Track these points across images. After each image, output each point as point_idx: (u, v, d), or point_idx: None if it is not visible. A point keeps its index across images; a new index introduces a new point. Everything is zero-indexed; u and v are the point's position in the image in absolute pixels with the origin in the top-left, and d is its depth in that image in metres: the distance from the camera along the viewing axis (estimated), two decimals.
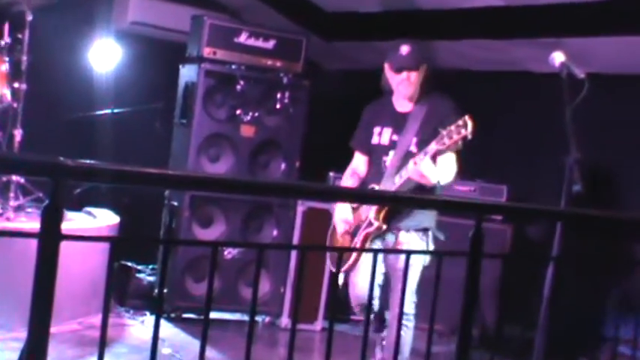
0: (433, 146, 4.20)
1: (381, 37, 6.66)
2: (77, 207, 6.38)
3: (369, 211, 4.53)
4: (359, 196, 3.19)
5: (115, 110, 7.11)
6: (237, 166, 6.38)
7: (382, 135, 4.62)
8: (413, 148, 4.49)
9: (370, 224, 4.52)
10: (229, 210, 6.42)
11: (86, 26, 7.23)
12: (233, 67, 6.28)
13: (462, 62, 6.83)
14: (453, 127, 4.11)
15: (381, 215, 4.50)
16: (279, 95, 6.39)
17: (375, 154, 4.65)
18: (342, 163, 4.97)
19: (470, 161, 4.55)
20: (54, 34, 6.71)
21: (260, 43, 6.35)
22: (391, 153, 4.56)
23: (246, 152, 6.42)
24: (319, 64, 7.81)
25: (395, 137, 4.57)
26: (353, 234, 4.62)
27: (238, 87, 6.27)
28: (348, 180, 4.79)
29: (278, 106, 6.41)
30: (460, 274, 2.67)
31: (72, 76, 7.02)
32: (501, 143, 6.74)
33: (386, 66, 4.61)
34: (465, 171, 4.63)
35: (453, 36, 6.63)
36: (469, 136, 4.05)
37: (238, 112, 6.33)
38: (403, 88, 4.54)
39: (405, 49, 4.52)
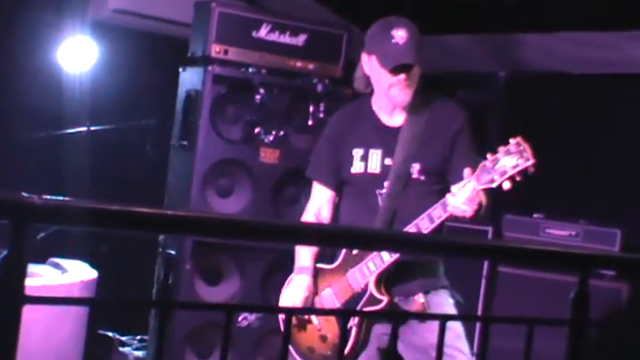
0: (473, 185, 3.94)
1: (448, 30, 6.68)
2: (40, 257, 6.42)
3: (364, 280, 4.21)
4: (413, 243, 3.15)
5: (93, 128, 7.17)
6: (256, 203, 6.40)
7: (369, 159, 4.32)
8: (419, 177, 4.25)
9: (373, 300, 4.20)
10: (245, 261, 6.43)
11: (54, 17, 7.32)
12: (250, 70, 6.33)
13: (553, 62, 6.83)
14: (504, 156, 3.89)
15: (383, 284, 4.20)
16: (311, 108, 6.42)
17: (357, 188, 4.36)
18: None
19: (568, 196, 4.53)
20: (11, 28, 6.80)
21: (286, 38, 6.40)
22: (385, 184, 4.28)
23: (268, 184, 6.44)
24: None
25: (388, 161, 4.28)
26: (339, 315, 4.25)
27: (258, 97, 6.31)
28: None
29: (310, 122, 6.43)
30: (550, 348, 2.65)
31: (35, 82, 7.09)
32: (610, 171, 6.69)
33: (365, 58, 4.33)
34: (564, 208, 4.60)
35: (542, 28, 6.63)
36: (531, 169, 3.87)
37: (257, 130, 6.36)
38: (399, 93, 4.22)
39: (401, 34, 4.18)
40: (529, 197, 4.99)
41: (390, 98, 4.26)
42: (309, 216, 4.60)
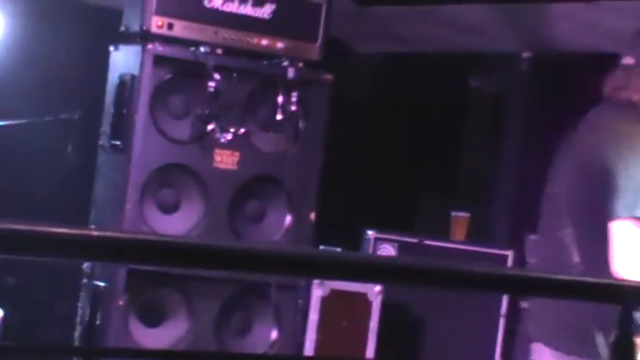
0: None
1: None
2: None
3: None
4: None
5: None
6: (209, 220, 6.42)
7: None
8: None
9: None
10: (195, 296, 6.44)
11: None
12: (202, 49, 6.34)
13: (590, 39, 6.86)
14: None
15: None
16: (281, 98, 6.44)
17: None
18: (385, 215, 5.00)
19: None
20: None
21: (248, 9, 6.42)
22: None
23: (224, 196, 6.46)
24: (347, 44, 7.86)
25: None
26: None
27: (211, 84, 6.31)
28: None
29: (279, 116, 6.45)
30: None
31: None
32: None
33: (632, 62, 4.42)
34: None
35: None
36: None
37: (211, 126, 6.38)
38: None
39: None
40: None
41: None
42: None
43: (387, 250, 6.74)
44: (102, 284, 6.38)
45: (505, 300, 6.75)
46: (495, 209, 7.84)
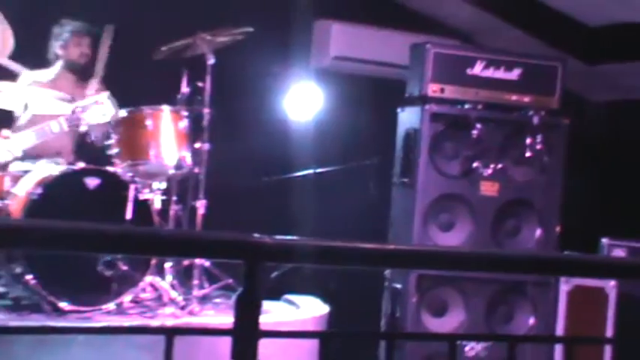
0: None
1: None
2: (275, 294, 6.57)
3: None
4: None
5: (318, 170, 7.31)
6: (477, 235, 6.36)
7: None
8: None
9: None
10: (469, 293, 6.39)
11: (279, 67, 7.52)
12: (467, 106, 6.31)
13: None
14: None
15: None
16: (529, 140, 6.34)
17: None
18: (617, 226, 4.84)
19: None
20: (240, 79, 7.01)
21: (501, 73, 6.36)
22: None
23: (488, 216, 6.39)
24: (581, 95, 7.68)
25: None
26: None
27: (475, 132, 6.28)
28: None
29: (528, 154, 6.35)
30: None
31: (264, 129, 7.30)
32: None
33: None
34: None
35: None
36: None
37: (476, 164, 6.33)
38: None
39: None
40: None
41: None
42: None
43: (619, 254, 6.55)
44: (399, 286, 6.39)
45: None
46: None
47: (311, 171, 7.33)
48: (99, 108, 4.22)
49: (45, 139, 4.18)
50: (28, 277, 5.34)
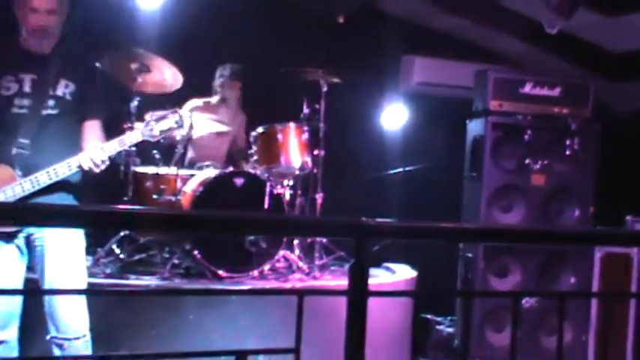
0: None
1: None
2: (377, 263, 6.58)
3: None
4: None
5: (406, 168, 7.30)
6: (529, 216, 6.27)
7: None
8: None
9: None
10: (524, 260, 6.31)
11: (376, 92, 7.54)
12: (519, 117, 6.24)
13: None
14: None
15: None
16: (568, 142, 6.24)
17: None
18: (639, 206, 4.72)
19: None
20: (347, 101, 7.06)
21: (545, 91, 6.27)
22: None
23: (537, 201, 6.30)
24: (608, 106, 7.51)
25: None
26: None
27: (526, 137, 6.21)
28: None
29: (568, 152, 6.25)
30: None
31: (365, 139, 7.33)
32: None
33: None
34: None
35: None
36: None
37: (527, 161, 6.25)
38: None
39: None
40: None
41: None
42: None
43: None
44: (470, 255, 6.35)
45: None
46: None
47: (401, 169, 7.33)
48: (171, 119, 3.97)
49: (124, 147, 3.94)
50: (195, 252, 5.46)
